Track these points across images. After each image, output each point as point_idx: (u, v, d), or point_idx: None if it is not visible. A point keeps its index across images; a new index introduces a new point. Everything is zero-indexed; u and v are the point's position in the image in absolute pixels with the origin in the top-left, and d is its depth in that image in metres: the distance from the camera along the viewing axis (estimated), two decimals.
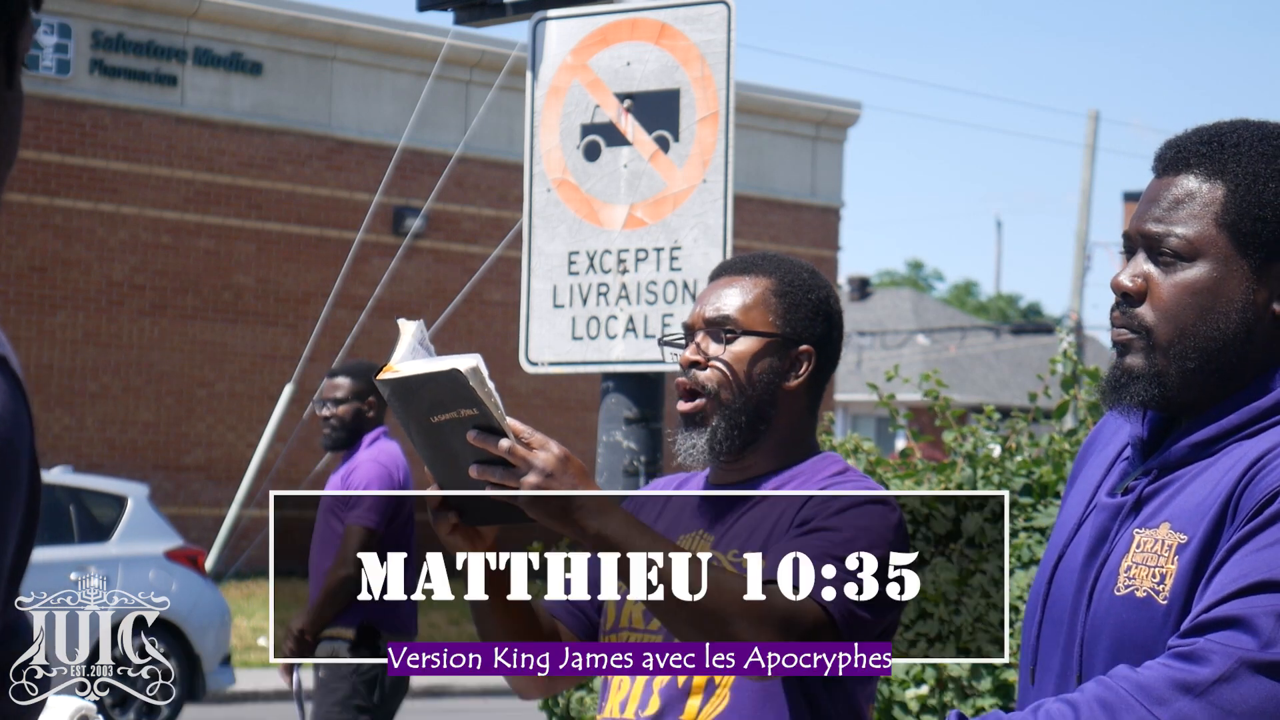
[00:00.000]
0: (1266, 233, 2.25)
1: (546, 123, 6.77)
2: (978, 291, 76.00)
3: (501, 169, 25.05)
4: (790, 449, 3.00)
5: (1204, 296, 2.26)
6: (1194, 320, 2.27)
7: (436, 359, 2.58)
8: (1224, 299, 2.26)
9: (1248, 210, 2.26)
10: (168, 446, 23.43)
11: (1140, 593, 2.22)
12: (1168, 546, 2.21)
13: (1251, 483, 2.17)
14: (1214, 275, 2.26)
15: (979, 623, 5.39)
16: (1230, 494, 2.18)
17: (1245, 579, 2.09)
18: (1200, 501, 2.21)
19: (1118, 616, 2.24)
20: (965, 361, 45.27)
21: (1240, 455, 2.21)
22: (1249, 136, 2.29)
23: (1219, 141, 2.30)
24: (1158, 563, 2.21)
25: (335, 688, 7.06)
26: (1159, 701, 2.06)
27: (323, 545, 7.15)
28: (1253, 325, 2.26)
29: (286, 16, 24.03)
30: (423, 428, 2.59)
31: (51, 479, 12.40)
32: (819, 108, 29.19)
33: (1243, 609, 2.06)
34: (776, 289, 3.00)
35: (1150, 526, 2.24)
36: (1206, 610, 2.09)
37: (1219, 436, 2.26)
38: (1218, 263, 2.26)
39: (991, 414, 6.06)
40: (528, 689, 3.01)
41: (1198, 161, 2.30)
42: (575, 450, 2.80)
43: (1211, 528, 2.18)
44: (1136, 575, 2.23)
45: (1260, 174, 2.26)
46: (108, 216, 23.03)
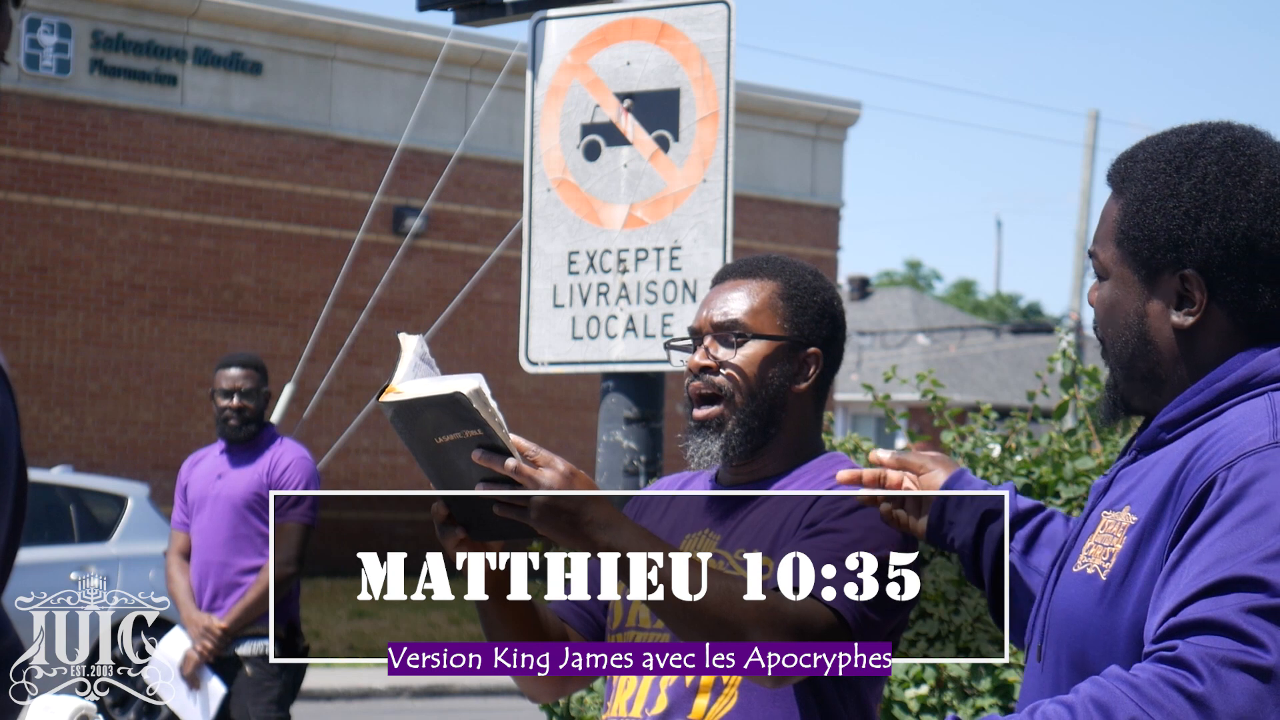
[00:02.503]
0: (1145, 250, 2.37)
1: (546, 122, 6.77)
2: (977, 291, 76.00)
3: (501, 169, 25.05)
4: (797, 450, 3.00)
5: (1111, 311, 2.42)
6: (1111, 333, 2.42)
7: (439, 379, 2.57)
8: (1123, 313, 2.40)
9: (1130, 229, 2.38)
10: (168, 446, 23.42)
11: (1090, 570, 2.31)
12: (1122, 527, 2.30)
13: (1195, 464, 2.24)
14: (1116, 292, 2.41)
15: (979, 623, 5.39)
16: (1175, 475, 2.26)
17: (1209, 576, 2.12)
18: (1155, 483, 2.29)
19: (1068, 590, 2.34)
20: (965, 361, 45.26)
21: (1195, 436, 2.29)
22: (1157, 151, 2.40)
23: (1130, 159, 2.43)
24: (1111, 542, 2.30)
25: (269, 686, 6.97)
26: (1153, 704, 2.08)
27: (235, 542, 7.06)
28: (1152, 336, 2.38)
29: (286, 16, 24.02)
30: (427, 448, 2.58)
31: (51, 479, 12.41)
32: (819, 108, 29.18)
33: (1214, 610, 2.10)
34: (783, 292, 3.01)
35: (1115, 508, 2.33)
36: (1177, 611, 2.13)
37: (1183, 418, 2.34)
38: (1118, 280, 2.41)
39: (989, 413, 6.05)
40: (537, 692, 3.01)
41: (1112, 182, 2.45)
42: (575, 450, 2.81)
43: (1155, 508, 2.26)
44: (1093, 554, 2.32)
45: (1146, 192, 2.38)
46: (108, 216, 23.03)
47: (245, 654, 6.97)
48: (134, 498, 12.86)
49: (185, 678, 7.00)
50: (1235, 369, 2.31)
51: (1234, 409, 2.29)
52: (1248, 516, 2.14)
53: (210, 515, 7.11)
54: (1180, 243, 2.34)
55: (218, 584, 7.02)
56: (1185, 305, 2.35)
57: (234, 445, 7.18)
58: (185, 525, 7.26)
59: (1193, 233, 2.33)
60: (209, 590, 7.05)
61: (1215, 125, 2.40)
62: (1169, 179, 2.36)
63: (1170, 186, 2.35)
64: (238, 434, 7.12)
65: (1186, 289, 2.34)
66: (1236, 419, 2.26)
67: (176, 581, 7.17)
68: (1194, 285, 2.34)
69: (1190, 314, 2.34)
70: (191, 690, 7.02)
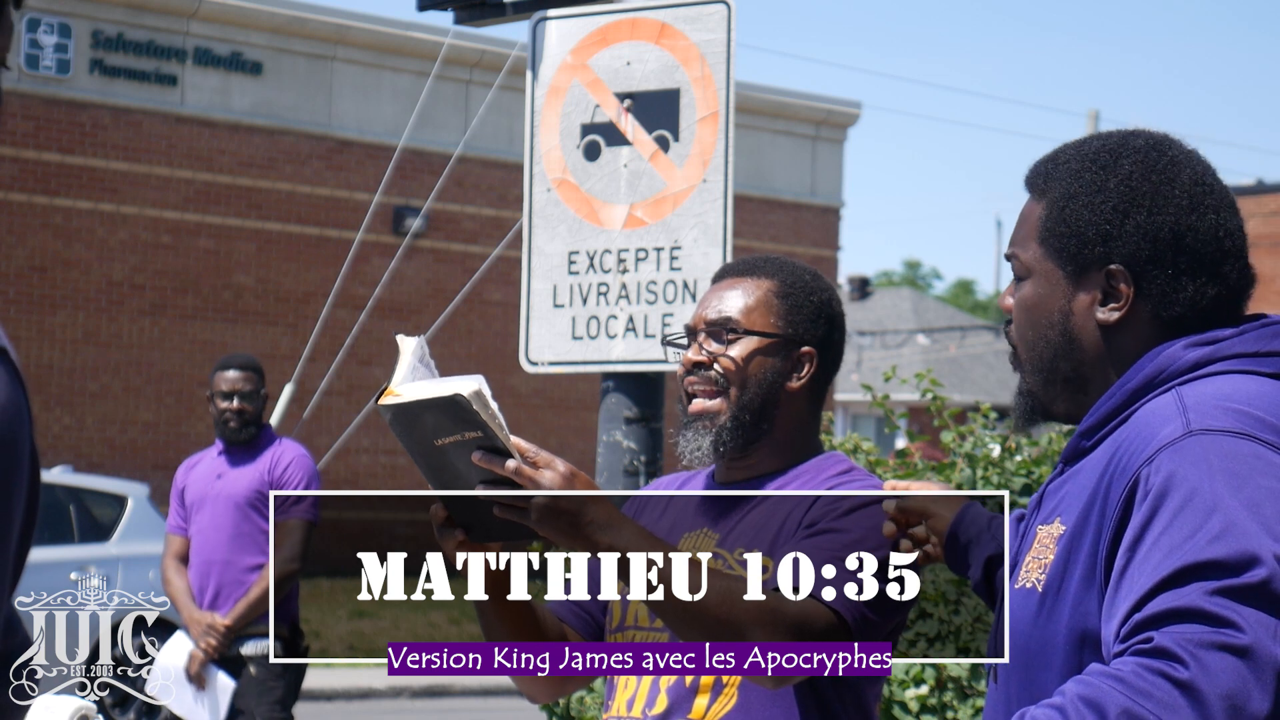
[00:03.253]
0: (1072, 245, 2.39)
1: (546, 122, 6.77)
2: (977, 290, 75.98)
3: (501, 169, 25.04)
4: (794, 448, 3.00)
5: (1033, 311, 2.43)
6: (1032, 335, 2.44)
7: (438, 381, 2.55)
8: (1047, 311, 2.42)
9: (1055, 226, 2.40)
10: (168, 446, 23.42)
11: (1028, 584, 2.35)
12: (1053, 538, 2.33)
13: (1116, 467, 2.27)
14: (1039, 291, 2.42)
15: (979, 623, 5.39)
16: (1099, 480, 2.29)
17: (1163, 569, 2.15)
18: (1079, 491, 2.33)
19: (1012, 608, 2.38)
20: (965, 361, 45.25)
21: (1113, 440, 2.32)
22: (1079, 153, 2.44)
23: (1052, 162, 2.46)
24: (1044, 554, 2.34)
25: (272, 687, 6.95)
26: (1142, 693, 2.10)
27: (238, 540, 7.04)
28: (1076, 334, 2.40)
29: (286, 16, 24.02)
30: (426, 451, 2.57)
31: (51, 479, 12.40)
32: (819, 108, 29.18)
33: (1179, 600, 2.12)
34: (778, 290, 3.01)
35: (1047, 522, 2.37)
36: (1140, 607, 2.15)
37: (1099, 423, 2.37)
38: (1041, 278, 2.42)
39: (987, 412, 6.05)
40: (536, 692, 3.01)
41: (1032, 184, 2.47)
42: (575, 450, 2.81)
43: (1080, 515, 2.30)
44: (1030, 568, 2.36)
45: (1070, 191, 2.40)
46: (108, 216, 23.03)
47: (249, 654, 6.96)
48: (134, 498, 12.85)
49: (192, 678, 6.99)
50: (1143, 368, 2.35)
51: (1144, 407, 2.32)
52: (1181, 505, 2.17)
53: (211, 515, 7.09)
54: (1108, 237, 2.37)
55: (220, 582, 7.01)
56: (1110, 300, 2.38)
57: (232, 446, 7.16)
58: (182, 529, 7.25)
59: (1120, 227, 2.36)
60: (211, 589, 7.03)
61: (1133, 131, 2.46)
62: (1095, 176, 2.39)
63: (1097, 183, 2.39)
64: (237, 436, 7.11)
65: (1113, 284, 2.37)
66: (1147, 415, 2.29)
67: (174, 584, 7.14)
68: (1120, 279, 2.37)
69: (1116, 309, 2.37)
70: (199, 691, 7.01)
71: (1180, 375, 2.33)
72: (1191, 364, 2.33)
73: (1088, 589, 2.25)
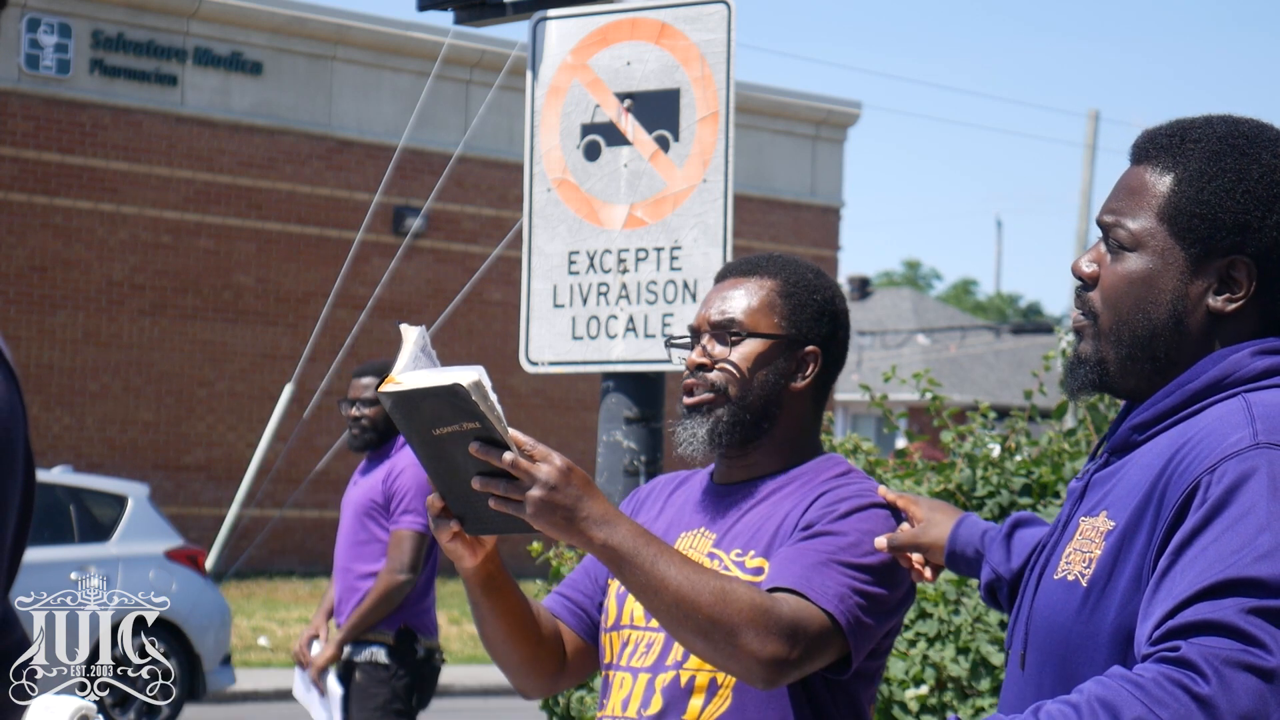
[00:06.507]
0: (1204, 229, 2.31)
1: (546, 122, 6.77)
2: (977, 291, 76.00)
3: (501, 169, 25.05)
4: (794, 449, 2.99)
5: (1139, 286, 2.34)
6: (1129, 308, 2.34)
7: (439, 370, 2.55)
8: (1157, 289, 2.33)
9: (1187, 206, 2.32)
10: (168, 446, 23.43)
11: (1070, 577, 2.30)
12: (1100, 533, 2.28)
13: (1176, 469, 2.22)
14: (1150, 266, 2.33)
15: (979, 623, 5.39)
16: (1156, 480, 2.24)
17: (1205, 579, 2.12)
18: (1132, 487, 2.28)
19: (1049, 598, 2.33)
20: (965, 361, 45.25)
21: (1170, 439, 2.28)
22: (1211, 133, 2.35)
23: (1181, 135, 2.36)
24: (1090, 548, 2.29)
25: (375, 693, 6.97)
26: (1159, 702, 2.08)
27: (355, 548, 7.06)
28: (1184, 317, 2.32)
29: (286, 16, 24.03)
30: (425, 440, 2.57)
31: (51, 479, 12.39)
32: (819, 107, 29.19)
33: (1214, 613, 2.09)
34: (782, 290, 3.00)
35: (1093, 514, 2.32)
36: (1174, 614, 2.12)
37: (1155, 419, 2.32)
38: (1155, 254, 2.33)
39: (987, 412, 6.04)
40: (529, 687, 3.01)
41: (1156, 154, 2.37)
42: (575, 450, 2.81)
43: (1134, 513, 2.25)
44: (1072, 560, 2.31)
45: (1206, 171, 2.32)
46: (108, 216, 23.03)
47: (357, 660, 7.02)
48: (134, 498, 12.85)
49: (313, 682, 7.15)
50: (1207, 370, 2.30)
51: (1209, 411, 2.27)
52: (1236, 519, 2.14)
53: (342, 522, 7.19)
54: (1246, 227, 2.30)
55: (341, 589, 7.11)
56: (1225, 290, 2.32)
57: (365, 453, 7.19)
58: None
59: (1262, 220, 2.30)
60: (337, 594, 7.14)
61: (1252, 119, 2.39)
62: (1235, 162, 2.32)
63: (1239, 170, 2.31)
64: (355, 443, 7.17)
65: (1234, 275, 2.31)
66: (1213, 421, 2.25)
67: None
68: (1243, 272, 2.31)
69: (1232, 300, 2.31)
70: (321, 696, 7.16)
71: (1246, 382, 2.28)
72: (1259, 372, 2.29)
73: (1137, 588, 2.22)
